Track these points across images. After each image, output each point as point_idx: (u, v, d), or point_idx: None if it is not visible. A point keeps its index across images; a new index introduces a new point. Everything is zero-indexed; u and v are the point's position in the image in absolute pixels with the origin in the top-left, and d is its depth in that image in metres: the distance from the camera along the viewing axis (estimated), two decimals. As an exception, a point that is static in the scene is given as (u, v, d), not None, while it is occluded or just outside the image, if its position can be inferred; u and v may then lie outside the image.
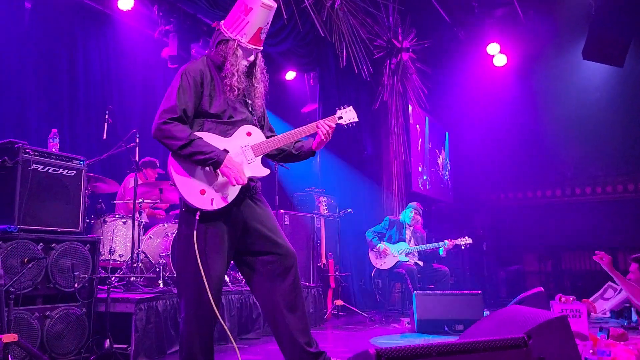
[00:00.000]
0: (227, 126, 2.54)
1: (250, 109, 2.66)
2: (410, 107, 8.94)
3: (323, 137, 2.63)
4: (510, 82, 9.80)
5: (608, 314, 5.96)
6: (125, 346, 3.57)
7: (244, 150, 2.54)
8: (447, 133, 10.98)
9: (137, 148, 4.62)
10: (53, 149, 3.61)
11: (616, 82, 8.93)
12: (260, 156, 2.58)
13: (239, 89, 2.55)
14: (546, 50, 9.39)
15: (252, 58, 2.62)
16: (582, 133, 9.45)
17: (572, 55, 8.83)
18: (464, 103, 10.19)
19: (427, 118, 9.83)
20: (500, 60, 9.24)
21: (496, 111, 10.01)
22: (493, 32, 9.06)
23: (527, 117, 9.97)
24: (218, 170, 2.44)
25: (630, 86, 8.91)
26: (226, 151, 2.46)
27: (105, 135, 4.46)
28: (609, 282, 6.35)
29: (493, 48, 9.10)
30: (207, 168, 2.45)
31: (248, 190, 2.55)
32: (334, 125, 2.66)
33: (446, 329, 4.79)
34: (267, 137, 2.64)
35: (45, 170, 3.38)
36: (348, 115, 2.72)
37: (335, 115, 2.71)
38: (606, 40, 7.05)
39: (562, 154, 9.98)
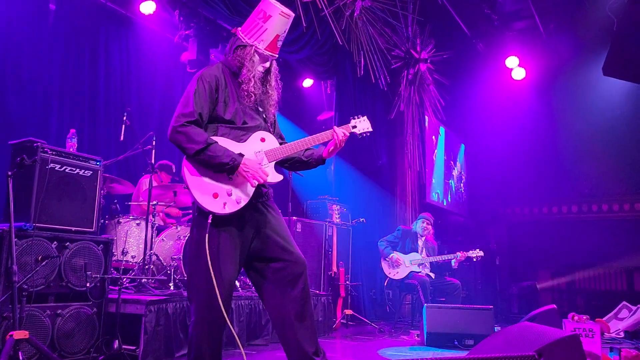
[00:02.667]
0: (241, 132, 2.56)
1: (264, 116, 2.67)
2: (426, 118, 8.91)
3: (337, 145, 2.63)
4: (528, 95, 9.73)
5: (622, 335, 5.84)
6: (134, 347, 3.58)
7: (257, 155, 2.55)
8: (462, 145, 10.92)
9: (153, 151, 4.67)
10: (71, 149, 3.66)
11: (637, 99, 8.80)
12: (274, 162, 2.59)
13: (255, 95, 2.57)
14: (566, 64, 9.29)
15: (267, 64, 2.64)
16: (600, 149, 9.33)
17: (592, 71, 8.71)
18: (480, 115, 10.13)
19: (443, 129, 9.79)
20: (518, 73, 9.20)
21: (513, 124, 9.93)
22: (512, 45, 9.02)
23: (544, 131, 9.88)
24: (235, 174, 2.45)
25: (651, 104, 8.81)
26: (241, 155, 2.48)
27: (122, 137, 4.52)
28: (624, 302, 6.24)
29: (512, 61, 9.06)
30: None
31: (260, 196, 2.56)
32: (348, 134, 2.66)
33: (456, 343, 4.72)
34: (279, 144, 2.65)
35: (62, 169, 3.43)
36: (362, 125, 2.73)
37: (350, 125, 2.72)
38: (628, 56, 6.95)
39: (580, 170, 9.86)
